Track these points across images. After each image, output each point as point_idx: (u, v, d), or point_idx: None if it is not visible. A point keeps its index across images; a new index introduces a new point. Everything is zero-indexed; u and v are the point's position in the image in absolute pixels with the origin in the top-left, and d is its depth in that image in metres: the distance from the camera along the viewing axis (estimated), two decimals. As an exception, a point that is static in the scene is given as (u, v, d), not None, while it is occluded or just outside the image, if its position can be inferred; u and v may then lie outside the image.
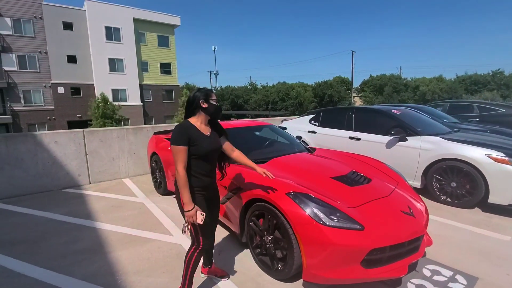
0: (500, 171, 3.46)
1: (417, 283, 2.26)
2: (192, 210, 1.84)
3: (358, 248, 1.98)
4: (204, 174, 1.98)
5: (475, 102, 8.46)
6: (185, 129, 1.91)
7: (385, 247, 2.04)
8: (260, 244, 2.48)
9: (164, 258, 2.69)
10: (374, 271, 2.03)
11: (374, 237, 2.02)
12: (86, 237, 3.17)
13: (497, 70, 33.20)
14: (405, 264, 2.14)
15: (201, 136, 1.95)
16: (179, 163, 1.85)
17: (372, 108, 5.25)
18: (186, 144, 1.87)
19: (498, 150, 3.61)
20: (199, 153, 1.92)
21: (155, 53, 28.68)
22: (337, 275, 2.02)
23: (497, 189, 3.48)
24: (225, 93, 51.38)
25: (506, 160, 3.45)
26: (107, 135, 5.45)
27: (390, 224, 2.16)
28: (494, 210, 3.62)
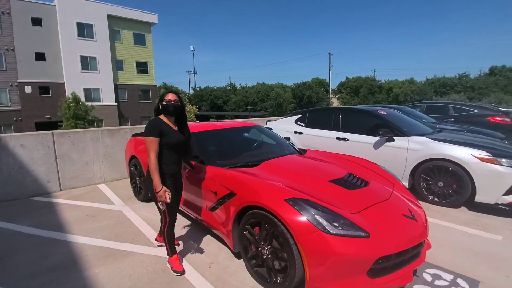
0: (486, 170, 3.52)
1: (420, 289, 2.18)
2: (161, 191, 2.20)
3: (365, 257, 1.85)
4: (173, 162, 2.36)
5: (451, 103, 8.81)
6: (157, 122, 2.27)
7: (391, 255, 1.93)
8: (256, 254, 2.29)
9: (148, 274, 2.42)
10: (380, 281, 1.91)
11: (380, 244, 1.90)
12: (57, 252, 2.81)
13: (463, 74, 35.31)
14: (409, 271, 2.05)
15: (170, 129, 2.31)
16: (152, 152, 2.21)
17: (358, 109, 5.24)
18: (158, 136, 2.22)
19: (483, 149, 3.68)
20: (169, 143, 2.28)
21: (131, 52, 27.56)
22: (342, 286, 1.87)
23: (484, 188, 3.54)
24: (204, 94, 50.53)
25: (492, 159, 3.52)
26: (80, 137, 5.00)
27: (394, 229, 2.06)
28: (480, 209, 3.68)
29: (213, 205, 2.68)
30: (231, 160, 3.04)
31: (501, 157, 3.54)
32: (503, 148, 3.94)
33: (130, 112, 28.12)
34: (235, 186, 2.44)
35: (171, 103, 2.28)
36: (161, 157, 2.28)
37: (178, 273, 2.37)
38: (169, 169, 2.33)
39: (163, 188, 2.20)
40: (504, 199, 3.46)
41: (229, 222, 2.48)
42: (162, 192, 2.19)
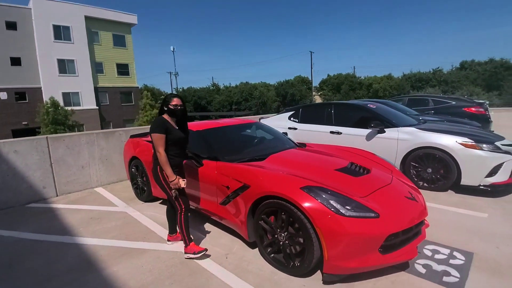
0: (470, 155, 3.84)
1: (422, 263, 2.40)
2: (176, 179, 2.49)
3: (376, 235, 2.03)
4: (177, 155, 2.65)
5: (430, 96, 9.34)
6: (163, 121, 2.55)
7: (399, 232, 2.13)
8: (272, 242, 2.43)
9: (168, 268, 2.49)
10: (390, 256, 2.11)
11: (389, 223, 2.10)
12: (69, 255, 2.81)
13: (437, 68, 37.09)
14: (414, 246, 2.26)
15: (172, 128, 2.58)
16: (160, 147, 2.47)
17: (350, 103, 5.49)
18: (164, 133, 2.48)
19: (466, 136, 4.01)
20: (173, 139, 2.56)
21: (111, 53, 26.82)
22: (357, 263, 2.05)
23: (468, 172, 3.86)
24: (188, 95, 49.92)
25: (474, 145, 3.85)
26: (75, 141, 4.92)
27: (400, 209, 2.26)
28: (465, 191, 4.00)
29: (225, 199, 2.78)
30: (239, 155, 3.15)
31: (482, 142, 3.88)
32: (483, 134, 4.30)
33: (112, 115, 27.37)
34: (248, 179, 2.56)
35: (178, 108, 2.58)
36: (168, 151, 2.54)
37: (202, 252, 2.56)
38: (174, 161, 2.59)
39: (177, 177, 2.49)
40: (486, 181, 3.79)
41: (243, 214, 2.59)
42: (176, 180, 2.48)
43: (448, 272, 2.27)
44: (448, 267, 2.34)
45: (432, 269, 2.32)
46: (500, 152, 3.83)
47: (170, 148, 2.57)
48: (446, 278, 2.20)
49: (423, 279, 2.21)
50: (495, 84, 30.33)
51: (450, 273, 2.26)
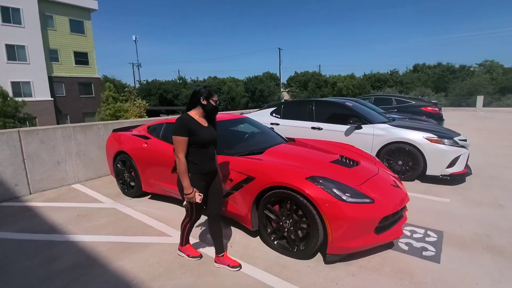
0: (434, 149, 4.40)
1: (404, 242, 2.78)
2: (191, 193, 2.17)
3: (372, 218, 2.33)
4: (205, 161, 2.26)
5: (393, 96, 10.22)
6: (186, 122, 2.17)
7: (389, 215, 2.45)
8: (277, 229, 2.62)
9: (176, 259, 2.56)
10: (383, 236, 2.43)
11: (382, 207, 2.41)
12: (65, 253, 2.72)
13: (393, 70, 40.14)
14: (399, 227, 2.61)
15: (200, 127, 2.20)
16: (180, 152, 2.14)
17: (329, 101, 5.86)
18: (186, 135, 2.13)
19: (430, 132, 4.57)
20: (199, 142, 2.18)
21: (67, 40, 24.68)
22: (357, 243, 2.33)
23: (433, 164, 4.42)
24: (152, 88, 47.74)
25: (438, 140, 4.41)
26: (50, 135, 4.60)
27: (389, 195, 2.59)
28: (429, 180, 4.58)
29: (228, 191, 2.90)
30: (237, 149, 3.28)
31: (444, 138, 4.46)
32: (444, 130, 4.93)
33: (70, 108, 25.32)
34: (253, 171, 2.70)
35: (217, 104, 2.28)
36: (193, 155, 2.20)
37: (197, 258, 2.52)
38: (201, 168, 2.24)
39: (194, 191, 2.18)
40: (447, 171, 4.38)
41: (247, 204, 2.74)
42: (192, 194, 2.17)
43: (426, 247, 2.67)
44: (425, 243, 2.74)
45: (413, 246, 2.70)
46: (457, 146, 4.45)
47: (196, 152, 2.20)
48: (425, 253, 2.59)
49: (406, 254, 2.58)
50: (443, 86, 33.78)
51: (427, 248, 2.66)
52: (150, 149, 3.79)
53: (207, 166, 2.28)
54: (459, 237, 2.87)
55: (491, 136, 9.20)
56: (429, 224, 3.13)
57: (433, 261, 2.45)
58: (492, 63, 35.87)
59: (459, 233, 2.94)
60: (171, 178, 3.51)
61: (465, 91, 29.49)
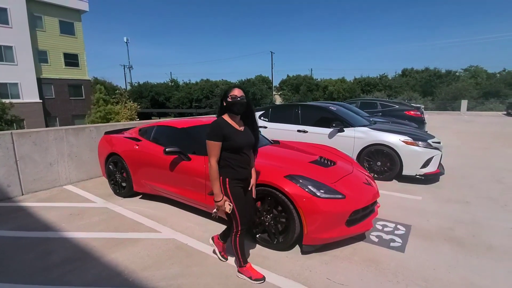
0: (409, 150, 4.73)
1: (375, 235, 3.05)
2: (221, 201, 2.11)
3: (343, 212, 2.59)
4: (241, 166, 2.16)
5: (378, 100, 10.64)
6: (219, 125, 2.09)
7: (359, 209, 2.71)
8: (259, 224, 2.85)
9: (165, 252, 2.76)
10: (353, 228, 2.69)
11: (352, 202, 2.67)
12: (60, 248, 2.88)
13: (383, 74, 41.15)
14: (369, 221, 2.88)
15: (234, 132, 2.11)
16: (212, 157, 2.08)
17: (314, 105, 6.16)
18: (220, 140, 2.06)
19: (406, 135, 4.90)
20: (233, 147, 2.09)
21: (57, 42, 24.47)
22: (330, 235, 2.58)
23: (408, 164, 4.74)
24: (144, 90, 47.58)
25: (413, 142, 4.74)
26: (42, 137, 4.73)
27: (360, 192, 2.86)
28: (405, 180, 4.90)
29: (215, 189, 3.11)
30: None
31: (419, 140, 4.80)
32: (419, 133, 5.28)
33: (59, 110, 25.06)
34: (237, 171, 2.93)
35: (238, 99, 2.07)
36: (229, 160, 2.11)
37: (261, 280, 2.26)
38: (237, 174, 2.14)
39: (224, 198, 2.11)
40: (421, 171, 4.71)
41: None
42: (222, 201, 2.10)
43: (394, 239, 2.95)
44: (393, 236, 3.02)
45: (382, 238, 2.98)
46: (431, 148, 4.78)
47: (232, 157, 2.11)
48: (392, 244, 2.86)
49: (376, 245, 2.85)
50: (429, 90, 34.80)
51: (395, 240, 2.93)
52: (141, 151, 3.97)
53: (244, 171, 2.19)
54: (425, 230, 3.16)
55: (469, 138, 9.69)
56: (400, 219, 3.42)
57: (399, 251, 2.73)
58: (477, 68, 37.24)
59: (426, 227, 3.23)
60: (161, 178, 3.71)
61: (451, 95, 30.49)
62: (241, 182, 2.20)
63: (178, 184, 3.55)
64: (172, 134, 3.94)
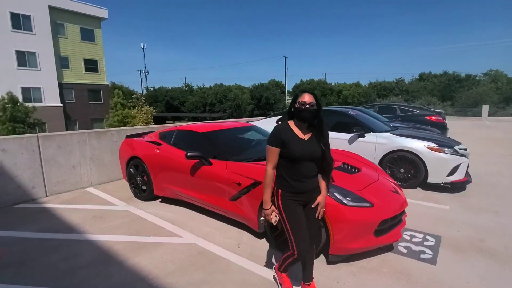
0: (436, 158, 4.54)
1: (403, 245, 2.92)
2: (269, 210, 1.98)
3: (372, 221, 2.49)
4: (295, 179, 1.91)
5: (397, 105, 10.38)
6: (279, 131, 1.93)
7: (388, 219, 2.60)
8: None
9: (188, 258, 2.74)
10: (382, 238, 2.58)
11: (380, 211, 2.56)
12: (84, 250, 2.92)
13: (399, 79, 40.38)
14: (398, 231, 2.76)
15: (295, 139, 1.90)
16: (268, 163, 1.95)
17: (333, 110, 6.05)
18: (278, 146, 1.90)
19: (431, 141, 4.72)
20: (289, 156, 1.89)
21: (78, 48, 25.41)
22: (357, 245, 2.49)
23: (434, 172, 4.56)
24: (159, 94, 48.65)
25: (439, 149, 4.56)
26: (66, 140, 4.86)
27: (387, 200, 2.75)
28: (430, 188, 4.70)
29: (236, 195, 3.08)
30: (245, 155, 3.47)
31: (445, 147, 4.61)
32: (444, 139, 5.08)
33: (79, 113, 25.91)
34: (260, 176, 2.87)
35: (305, 106, 1.86)
36: (284, 170, 1.94)
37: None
38: (291, 186, 1.92)
39: (271, 208, 1.98)
40: (447, 179, 4.51)
41: (254, 207, 2.92)
42: (269, 210, 1.98)
43: (424, 251, 2.81)
44: (423, 247, 2.88)
45: (411, 250, 2.84)
46: (457, 155, 4.58)
47: (287, 166, 1.92)
48: (423, 255, 2.73)
49: (405, 257, 2.72)
50: (449, 95, 33.78)
51: (425, 251, 2.80)
52: (162, 155, 4.00)
53: (301, 185, 1.92)
54: (456, 241, 3.00)
55: (493, 145, 9.27)
56: (428, 229, 3.27)
57: (430, 263, 2.59)
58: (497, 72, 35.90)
59: (456, 238, 3.07)
60: (182, 182, 3.72)
61: (471, 100, 29.49)
62: (296, 195, 1.94)
63: (198, 189, 3.54)
64: (193, 138, 3.95)
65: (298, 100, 1.90)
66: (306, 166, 1.92)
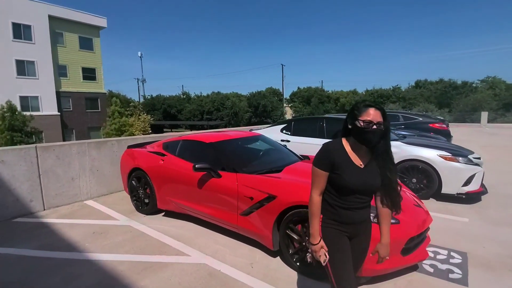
0: (449, 167, 4.39)
1: (429, 263, 2.73)
2: (317, 245, 1.57)
3: (399, 239, 2.31)
4: (343, 207, 1.56)
5: (400, 112, 10.29)
6: (329, 150, 1.56)
7: (414, 236, 2.42)
8: (300, 249, 2.59)
9: (198, 280, 2.53)
10: (409, 258, 2.40)
11: (407, 228, 2.39)
12: (86, 271, 2.69)
13: (396, 86, 40.61)
14: (423, 249, 2.57)
15: (348, 165, 1.52)
16: (314, 188, 1.59)
17: (341, 118, 5.91)
18: (326, 170, 1.54)
19: (444, 150, 4.58)
20: (340, 184, 1.52)
21: (76, 57, 25.34)
22: (384, 265, 2.29)
23: (448, 182, 4.40)
24: (156, 102, 48.58)
25: (452, 158, 4.41)
26: (66, 151, 4.66)
27: (413, 216, 2.58)
28: (444, 199, 4.54)
29: (248, 210, 2.90)
30: (256, 167, 3.30)
31: (459, 156, 4.46)
32: (458, 148, 4.94)
33: (76, 122, 25.65)
34: (274, 190, 2.71)
35: (372, 127, 1.45)
36: (328, 195, 1.60)
37: None
38: (336, 215, 1.58)
39: (320, 243, 1.57)
40: (463, 189, 4.35)
41: (268, 223, 2.73)
42: (318, 246, 1.57)
43: (452, 270, 2.62)
44: (450, 265, 2.69)
45: (438, 268, 2.66)
46: (472, 164, 4.44)
47: (336, 194, 1.57)
48: (451, 275, 2.54)
49: (432, 276, 2.53)
50: (446, 102, 33.98)
51: (453, 270, 2.61)
52: (167, 166, 3.81)
53: (347, 214, 1.57)
54: (483, 258, 2.82)
55: (499, 152, 9.17)
56: (451, 245, 3.08)
57: (461, 284, 2.41)
58: (495, 79, 36.25)
59: (483, 255, 2.89)
60: (188, 195, 3.53)
61: (469, 107, 29.64)
62: (340, 225, 1.58)
63: (206, 203, 3.34)
64: (199, 149, 3.78)
65: (361, 117, 1.47)
66: (357, 198, 1.56)
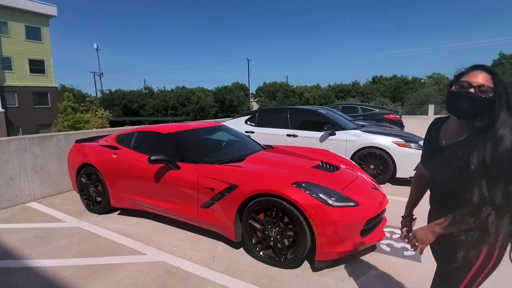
0: (402, 153, 4.65)
1: (386, 243, 2.84)
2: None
3: (358, 221, 2.35)
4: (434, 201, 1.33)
5: (359, 104, 10.82)
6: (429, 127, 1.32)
7: (372, 217, 2.49)
8: (262, 239, 2.52)
9: (154, 280, 2.34)
10: (368, 239, 2.45)
11: (366, 210, 2.44)
12: (22, 281, 2.36)
13: (355, 81, 42.80)
14: (381, 229, 2.66)
15: (433, 143, 1.25)
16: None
17: (303, 108, 5.99)
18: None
19: (398, 137, 4.84)
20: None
21: (22, 47, 22.68)
22: (345, 248, 2.32)
23: (402, 167, 4.66)
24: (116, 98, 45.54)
25: (405, 144, 4.68)
26: (2, 147, 4.08)
27: (370, 198, 2.64)
28: (399, 182, 4.81)
29: (209, 201, 2.76)
30: (217, 157, 3.16)
31: (411, 142, 4.75)
32: (409, 135, 5.26)
33: (22, 119, 23.09)
34: (236, 179, 2.61)
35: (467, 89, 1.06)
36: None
37: None
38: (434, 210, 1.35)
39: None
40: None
41: (230, 214, 2.62)
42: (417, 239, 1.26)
43: (406, 247, 2.75)
44: (404, 243, 2.82)
45: (394, 247, 2.77)
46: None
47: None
48: (406, 253, 2.66)
49: (389, 255, 2.63)
50: (399, 96, 36.62)
51: (407, 248, 2.73)
52: (120, 160, 3.51)
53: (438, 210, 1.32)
54: (434, 235, 3.01)
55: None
56: (405, 225, 3.24)
57: (415, 260, 2.52)
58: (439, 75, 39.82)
59: (433, 232, 3.08)
60: (145, 190, 3.28)
61: (418, 100, 32.23)
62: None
63: (165, 197, 3.13)
64: (156, 140, 3.53)
65: (461, 79, 1.10)
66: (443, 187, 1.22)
